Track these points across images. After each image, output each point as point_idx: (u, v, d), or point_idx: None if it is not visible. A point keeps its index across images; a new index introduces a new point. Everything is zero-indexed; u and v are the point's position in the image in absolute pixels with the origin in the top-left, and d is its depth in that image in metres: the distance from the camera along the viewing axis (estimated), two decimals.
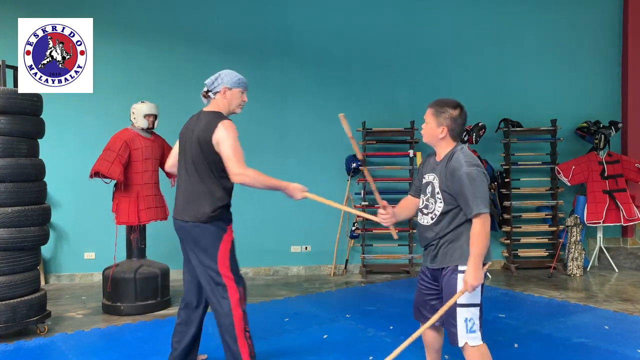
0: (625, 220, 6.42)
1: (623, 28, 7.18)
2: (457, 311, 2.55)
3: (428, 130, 2.72)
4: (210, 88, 3.11)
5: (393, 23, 6.87)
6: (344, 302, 5.08)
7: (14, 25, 4.04)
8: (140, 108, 4.78)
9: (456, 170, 2.54)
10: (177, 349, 3.18)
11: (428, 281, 2.77)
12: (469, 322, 2.56)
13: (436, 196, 2.65)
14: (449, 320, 2.60)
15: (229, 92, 3.07)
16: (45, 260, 6.14)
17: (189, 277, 3.16)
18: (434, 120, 2.69)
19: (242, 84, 3.12)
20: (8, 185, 3.92)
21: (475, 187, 2.48)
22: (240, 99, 3.13)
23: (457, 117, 2.66)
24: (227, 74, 3.11)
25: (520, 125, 6.68)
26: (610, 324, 4.16)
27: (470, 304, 2.56)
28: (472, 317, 2.56)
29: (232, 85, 3.08)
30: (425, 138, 2.77)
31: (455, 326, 2.57)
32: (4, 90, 3.96)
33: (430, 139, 2.74)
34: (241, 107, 3.16)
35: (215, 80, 3.09)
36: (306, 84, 6.75)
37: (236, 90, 3.10)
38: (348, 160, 6.58)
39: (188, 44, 6.52)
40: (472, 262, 2.47)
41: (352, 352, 3.59)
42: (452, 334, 2.59)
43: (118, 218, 4.75)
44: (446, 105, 2.69)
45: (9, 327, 3.85)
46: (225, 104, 3.10)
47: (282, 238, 6.60)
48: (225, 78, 3.08)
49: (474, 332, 2.56)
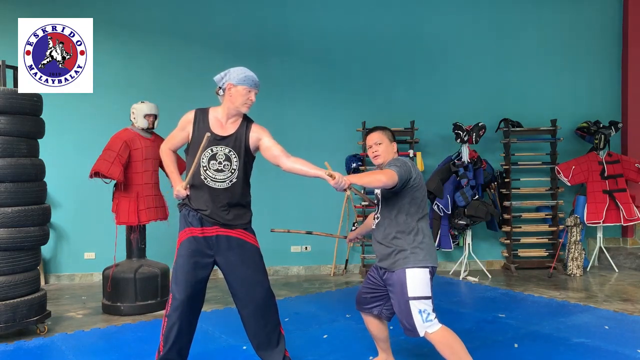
0: (625, 220, 6.41)
1: (623, 28, 7.18)
2: (411, 305, 2.73)
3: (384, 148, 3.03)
4: (220, 84, 3.07)
5: (393, 23, 6.87)
6: (344, 302, 5.07)
7: (14, 25, 4.04)
8: (140, 108, 4.78)
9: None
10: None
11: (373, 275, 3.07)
12: (424, 313, 2.73)
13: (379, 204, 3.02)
14: (403, 315, 2.77)
15: (234, 89, 3.00)
16: (45, 260, 6.14)
17: None
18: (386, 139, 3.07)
19: (249, 81, 3.01)
20: (8, 185, 3.92)
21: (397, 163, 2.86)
22: (245, 97, 3.01)
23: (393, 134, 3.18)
24: (235, 70, 3.04)
25: (520, 125, 6.67)
26: (610, 324, 4.16)
27: (422, 297, 2.75)
28: (425, 308, 2.74)
29: (237, 83, 2.99)
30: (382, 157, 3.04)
31: (412, 319, 2.73)
32: (4, 90, 3.96)
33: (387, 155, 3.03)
34: (247, 105, 3.04)
35: (224, 77, 3.05)
36: (306, 83, 6.75)
37: (241, 88, 2.99)
38: (348, 160, 6.58)
39: (188, 44, 6.52)
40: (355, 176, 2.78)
41: (352, 352, 3.59)
42: (411, 327, 2.76)
43: (118, 218, 4.75)
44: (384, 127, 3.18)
45: (9, 327, 3.85)
46: (229, 101, 3.03)
47: (282, 238, 6.57)
48: (231, 75, 3.02)
49: (430, 321, 2.74)
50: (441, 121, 6.60)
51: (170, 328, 2.93)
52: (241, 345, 3.68)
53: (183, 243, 2.96)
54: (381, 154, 2.99)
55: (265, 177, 6.11)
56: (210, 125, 3.00)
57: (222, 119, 3.04)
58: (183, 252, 2.95)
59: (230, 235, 3.00)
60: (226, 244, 2.99)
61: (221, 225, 2.97)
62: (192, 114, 3.05)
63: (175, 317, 2.91)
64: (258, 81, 3.05)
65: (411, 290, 2.74)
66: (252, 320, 3.05)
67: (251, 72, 3.03)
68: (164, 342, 2.95)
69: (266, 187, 6.20)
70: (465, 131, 6.08)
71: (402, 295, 2.76)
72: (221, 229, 2.98)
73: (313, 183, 6.69)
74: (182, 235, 2.98)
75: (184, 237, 2.97)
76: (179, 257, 2.96)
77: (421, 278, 2.76)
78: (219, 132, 3.00)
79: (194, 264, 2.94)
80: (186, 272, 2.93)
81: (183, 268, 2.94)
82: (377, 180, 2.70)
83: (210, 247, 2.97)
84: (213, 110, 3.07)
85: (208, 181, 2.95)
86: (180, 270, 2.94)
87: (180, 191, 2.94)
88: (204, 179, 2.95)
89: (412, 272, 2.76)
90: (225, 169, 2.98)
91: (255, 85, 3.03)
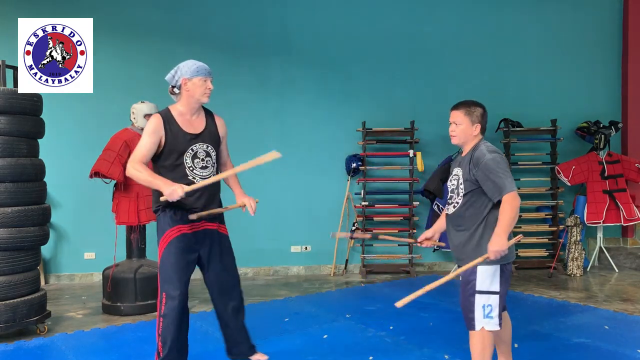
0: (625, 220, 6.41)
1: (623, 28, 7.18)
2: (476, 298, 2.71)
3: (462, 130, 2.88)
4: (173, 83, 3.05)
5: (393, 23, 6.87)
6: (344, 302, 5.08)
7: (14, 25, 4.05)
8: (140, 108, 4.78)
9: (480, 159, 2.74)
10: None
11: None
12: (487, 308, 2.71)
13: (460, 187, 2.83)
14: (465, 306, 2.76)
15: (190, 82, 2.99)
16: (45, 260, 6.14)
17: None
18: (467, 120, 2.86)
19: (202, 71, 3.00)
20: (8, 185, 3.92)
21: (501, 169, 2.69)
22: (203, 87, 3.00)
23: (484, 113, 2.93)
24: (185, 64, 3.02)
25: (520, 125, 6.67)
26: (610, 324, 4.16)
27: (489, 292, 2.71)
28: (490, 303, 2.71)
29: (191, 75, 2.98)
30: (458, 139, 2.91)
31: (472, 312, 2.72)
32: (4, 90, 3.96)
33: (464, 138, 2.90)
34: (207, 95, 3.03)
35: (175, 74, 3.03)
36: (306, 84, 6.75)
37: (196, 79, 2.99)
38: (348, 160, 6.58)
39: (188, 44, 6.51)
40: (498, 230, 2.62)
41: (352, 352, 3.59)
42: (469, 319, 2.75)
43: (118, 218, 4.75)
44: (473, 104, 2.91)
45: (9, 327, 3.85)
46: (187, 96, 3.01)
47: (282, 238, 6.60)
48: (183, 69, 3.00)
49: (490, 318, 2.71)
50: (441, 121, 6.50)
51: (167, 327, 2.94)
52: None
53: (172, 242, 2.97)
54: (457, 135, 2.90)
55: (266, 177, 6.12)
56: (180, 125, 3.02)
57: (186, 115, 3.05)
58: (174, 250, 2.97)
59: (213, 229, 3.12)
60: (211, 237, 3.11)
61: (207, 220, 3.08)
62: (158, 119, 2.98)
63: (172, 315, 2.93)
64: (210, 69, 3.06)
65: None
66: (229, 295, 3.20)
67: (200, 62, 3.04)
68: (162, 343, 2.95)
69: (266, 186, 6.20)
70: None
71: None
72: (207, 223, 3.08)
73: (313, 183, 6.73)
74: (169, 235, 2.98)
75: (172, 235, 2.98)
76: (169, 255, 2.96)
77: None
78: (192, 130, 3.05)
79: (186, 261, 2.99)
80: (180, 269, 2.96)
81: (177, 265, 2.96)
82: (516, 214, 2.65)
83: (198, 242, 3.05)
84: (173, 109, 3.06)
85: (197, 180, 3.00)
86: (173, 269, 2.95)
87: (176, 191, 2.79)
88: (192, 179, 2.99)
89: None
90: (209, 165, 3.07)
91: (209, 74, 3.04)
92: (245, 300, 3.34)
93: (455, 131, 2.89)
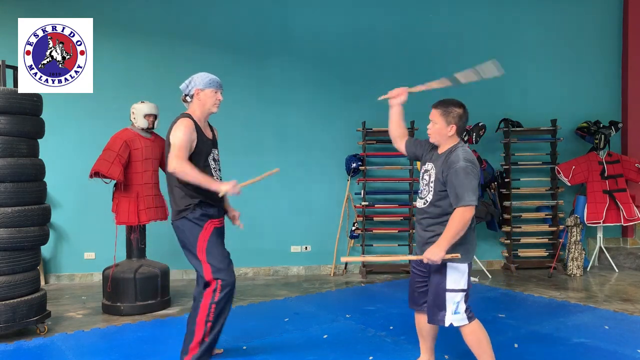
0: (625, 220, 6.42)
1: (623, 28, 7.18)
2: (447, 296, 2.79)
3: (437, 129, 2.89)
4: (186, 92, 3.29)
5: (393, 23, 6.87)
6: (344, 302, 5.07)
7: (14, 25, 4.04)
8: (140, 108, 4.78)
9: (453, 164, 2.74)
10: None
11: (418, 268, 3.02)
12: (453, 305, 2.80)
13: (430, 185, 2.87)
14: (436, 303, 2.82)
15: (202, 93, 3.23)
16: (45, 260, 6.14)
17: None
18: (442, 120, 2.86)
19: (214, 83, 3.25)
20: (8, 185, 3.92)
21: (468, 181, 2.68)
22: (214, 98, 3.25)
23: (462, 114, 2.88)
24: (199, 76, 3.26)
25: (520, 125, 6.68)
26: (610, 324, 4.16)
27: (458, 290, 2.80)
28: (458, 300, 2.80)
29: (204, 86, 3.23)
30: (433, 137, 2.93)
31: (444, 309, 2.80)
32: (4, 90, 3.96)
33: (438, 137, 2.90)
34: (217, 105, 3.27)
35: (189, 84, 3.26)
36: (306, 84, 6.74)
37: (209, 91, 3.23)
38: (348, 160, 6.58)
39: (188, 44, 6.52)
40: (440, 241, 2.67)
41: (352, 352, 3.59)
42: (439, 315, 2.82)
43: (118, 218, 4.75)
44: (452, 104, 2.90)
45: (9, 327, 3.85)
46: (200, 105, 3.25)
47: (282, 238, 6.60)
48: (197, 80, 3.25)
49: (458, 314, 2.80)
50: None
51: (219, 314, 3.13)
52: (241, 345, 3.68)
53: (213, 232, 3.21)
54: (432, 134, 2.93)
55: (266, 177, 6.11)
56: (203, 130, 3.26)
57: (201, 122, 3.27)
58: (216, 241, 3.21)
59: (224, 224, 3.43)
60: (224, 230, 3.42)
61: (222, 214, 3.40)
62: (191, 122, 3.19)
63: (224, 301, 3.13)
64: (221, 82, 3.31)
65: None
66: None
67: (212, 74, 3.28)
68: (210, 329, 3.11)
69: (267, 186, 6.20)
70: (466, 131, 6.08)
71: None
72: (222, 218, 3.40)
73: (313, 183, 6.73)
74: (208, 227, 3.19)
75: (211, 228, 3.20)
76: (216, 246, 3.19)
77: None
78: (208, 135, 3.32)
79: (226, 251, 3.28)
80: (226, 258, 3.22)
81: (223, 255, 3.21)
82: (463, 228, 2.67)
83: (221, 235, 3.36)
84: (192, 114, 3.27)
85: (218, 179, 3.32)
86: (221, 257, 3.18)
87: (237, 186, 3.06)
88: (217, 179, 3.29)
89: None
90: (220, 168, 3.41)
91: (220, 86, 3.29)
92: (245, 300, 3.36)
93: (431, 130, 2.92)
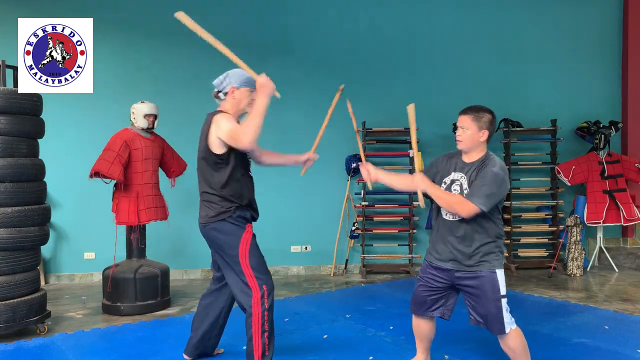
0: (625, 220, 6.41)
1: (623, 28, 7.18)
2: (502, 302, 2.73)
3: (468, 136, 2.83)
4: (220, 88, 3.12)
5: (393, 23, 6.87)
6: (344, 302, 5.07)
7: (14, 25, 4.04)
8: (140, 108, 4.78)
9: (488, 167, 2.72)
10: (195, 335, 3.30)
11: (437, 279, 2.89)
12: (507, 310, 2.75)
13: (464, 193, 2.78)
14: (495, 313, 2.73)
15: (237, 91, 3.08)
16: (45, 260, 6.14)
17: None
18: (474, 126, 2.82)
19: (251, 82, 3.05)
20: (8, 185, 3.92)
21: (491, 186, 2.65)
22: (249, 97, 3.09)
23: (492, 120, 2.87)
24: (235, 73, 3.10)
25: (520, 125, 6.68)
26: (610, 324, 4.16)
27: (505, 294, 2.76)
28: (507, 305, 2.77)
29: (239, 85, 3.08)
30: (464, 144, 2.86)
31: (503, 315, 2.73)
32: (4, 90, 3.96)
33: (470, 144, 2.85)
34: (250, 106, 3.09)
35: (224, 80, 3.10)
36: (306, 83, 6.74)
37: (244, 90, 3.08)
38: (348, 160, 6.58)
39: (188, 44, 6.47)
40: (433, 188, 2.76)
41: (352, 352, 3.59)
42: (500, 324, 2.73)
43: (118, 218, 4.75)
44: (482, 110, 2.87)
45: (9, 327, 3.85)
46: (234, 104, 3.10)
47: (282, 238, 6.60)
48: (232, 77, 3.09)
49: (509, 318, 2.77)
50: (441, 121, 6.60)
51: (272, 321, 2.99)
52: (241, 345, 3.68)
53: (254, 237, 3.09)
54: (464, 141, 2.87)
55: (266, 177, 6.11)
56: None
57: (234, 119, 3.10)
58: (256, 246, 3.08)
59: None
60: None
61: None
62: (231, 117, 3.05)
63: (272, 307, 2.99)
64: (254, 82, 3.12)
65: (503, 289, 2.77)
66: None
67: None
68: (269, 339, 2.96)
69: (266, 186, 6.20)
70: None
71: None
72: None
73: (313, 183, 6.72)
74: (249, 230, 3.08)
75: (251, 231, 3.09)
76: (257, 250, 3.07)
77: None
78: None
79: None
80: (265, 262, 3.10)
81: (262, 260, 3.08)
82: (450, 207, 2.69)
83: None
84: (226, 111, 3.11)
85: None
86: (262, 262, 3.07)
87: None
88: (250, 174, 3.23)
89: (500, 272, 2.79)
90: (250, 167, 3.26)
91: (255, 86, 3.05)
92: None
93: (462, 136, 2.85)
